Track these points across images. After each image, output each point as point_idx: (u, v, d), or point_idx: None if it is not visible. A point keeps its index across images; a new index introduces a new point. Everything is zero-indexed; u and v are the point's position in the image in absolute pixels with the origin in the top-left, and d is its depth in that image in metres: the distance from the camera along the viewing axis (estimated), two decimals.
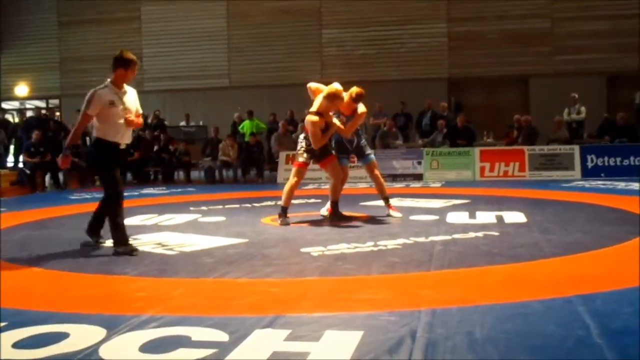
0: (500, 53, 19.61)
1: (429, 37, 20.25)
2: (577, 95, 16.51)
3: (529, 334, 3.30)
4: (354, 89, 7.77)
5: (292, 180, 7.71)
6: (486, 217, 7.80)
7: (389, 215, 8.03)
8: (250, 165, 16.40)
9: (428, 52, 20.23)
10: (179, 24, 21.61)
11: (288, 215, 7.72)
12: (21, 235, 7.44)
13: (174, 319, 3.70)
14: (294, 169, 7.84)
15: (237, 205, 9.89)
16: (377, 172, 8.25)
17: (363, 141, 8.31)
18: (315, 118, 7.46)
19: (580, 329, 3.33)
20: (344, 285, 4.52)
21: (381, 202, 8.37)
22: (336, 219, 7.85)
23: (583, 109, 16.38)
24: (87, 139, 17.62)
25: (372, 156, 8.33)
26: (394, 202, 9.66)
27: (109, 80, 6.47)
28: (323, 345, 3.19)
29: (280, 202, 7.78)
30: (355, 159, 8.95)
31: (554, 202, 9.54)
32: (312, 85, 8.00)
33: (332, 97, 7.50)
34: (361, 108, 7.84)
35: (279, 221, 7.65)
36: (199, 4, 21.43)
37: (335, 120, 7.69)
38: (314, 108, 7.57)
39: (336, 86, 7.61)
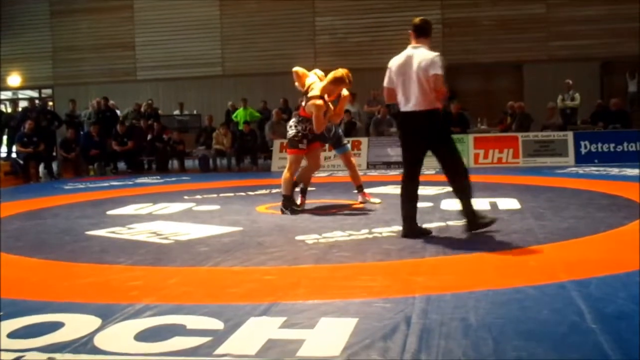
0: (495, 39, 19.58)
1: None
2: (571, 82, 16.49)
3: (523, 319, 3.32)
4: (342, 72, 7.52)
5: (289, 170, 7.62)
6: (480, 203, 7.77)
7: (364, 202, 8.03)
8: (244, 153, 16.39)
9: None
10: (171, 13, 21.51)
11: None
12: (16, 226, 7.42)
13: (169, 307, 3.70)
14: (291, 157, 7.70)
15: (232, 194, 9.89)
16: (353, 161, 8.22)
17: (340, 131, 8.27)
18: (320, 102, 7.36)
19: (574, 314, 3.35)
20: (338, 273, 4.53)
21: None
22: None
23: (577, 95, 16.36)
24: (81, 132, 17.61)
25: (348, 146, 8.33)
26: (388, 189, 9.69)
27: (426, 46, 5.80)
28: (318, 332, 3.20)
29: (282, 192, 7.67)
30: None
31: (548, 188, 9.55)
32: (299, 69, 7.93)
33: (339, 81, 7.43)
34: (345, 92, 7.72)
35: (288, 212, 7.50)
36: None
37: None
38: (316, 92, 7.45)
39: (341, 70, 7.51)
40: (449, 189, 9.47)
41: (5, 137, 17.85)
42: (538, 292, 3.79)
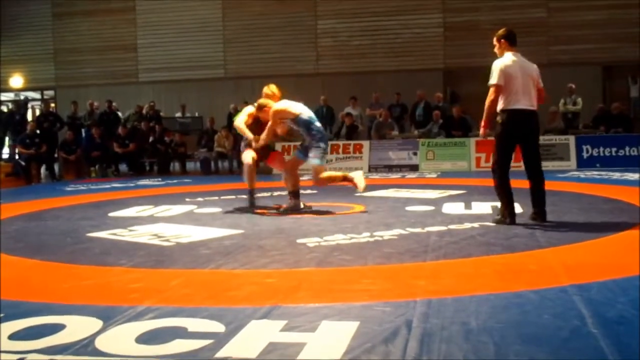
0: None
1: (424, 28, 20.22)
2: (574, 86, 16.48)
3: (524, 323, 3.31)
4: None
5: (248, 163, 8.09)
6: (482, 207, 7.81)
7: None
8: None
9: (424, 42, 20.20)
10: (173, 15, 21.54)
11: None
12: (17, 227, 7.43)
13: (170, 310, 3.70)
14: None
15: (233, 197, 9.88)
16: (319, 177, 7.86)
17: (315, 144, 7.78)
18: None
19: (576, 319, 3.35)
20: (339, 276, 4.53)
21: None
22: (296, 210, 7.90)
23: (579, 100, 16.36)
24: (83, 134, 17.60)
25: (315, 161, 7.75)
26: (390, 192, 9.70)
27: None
28: (319, 335, 3.19)
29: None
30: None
31: (550, 192, 9.44)
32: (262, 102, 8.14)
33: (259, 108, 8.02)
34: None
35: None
36: None
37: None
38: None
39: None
40: (451, 192, 9.54)
41: (7, 139, 17.86)
42: (539, 297, 3.79)
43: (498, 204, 7.01)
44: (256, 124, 8.10)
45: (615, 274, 4.28)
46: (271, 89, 8.19)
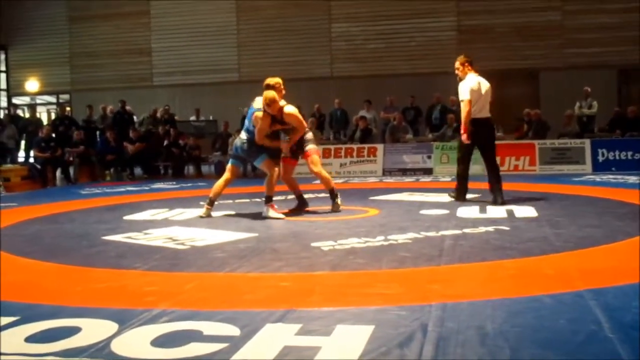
0: (511, 46, 19.51)
1: (438, 31, 20.20)
2: (589, 89, 16.39)
3: (540, 328, 3.30)
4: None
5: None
6: (496, 211, 7.78)
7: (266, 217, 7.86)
8: None
9: (438, 45, 20.15)
10: (188, 19, 21.65)
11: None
12: (32, 230, 7.48)
13: (185, 313, 3.71)
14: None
15: (247, 200, 9.91)
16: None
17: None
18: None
19: (592, 323, 3.32)
20: (354, 280, 4.52)
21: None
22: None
23: (595, 103, 16.26)
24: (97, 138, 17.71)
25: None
26: (403, 196, 9.68)
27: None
28: (334, 339, 3.19)
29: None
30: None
31: (565, 196, 9.50)
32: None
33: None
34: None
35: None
36: None
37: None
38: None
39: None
40: (466, 196, 9.48)
41: (23, 142, 17.99)
42: (555, 301, 3.77)
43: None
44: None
45: (632, 279, 4.25)
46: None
